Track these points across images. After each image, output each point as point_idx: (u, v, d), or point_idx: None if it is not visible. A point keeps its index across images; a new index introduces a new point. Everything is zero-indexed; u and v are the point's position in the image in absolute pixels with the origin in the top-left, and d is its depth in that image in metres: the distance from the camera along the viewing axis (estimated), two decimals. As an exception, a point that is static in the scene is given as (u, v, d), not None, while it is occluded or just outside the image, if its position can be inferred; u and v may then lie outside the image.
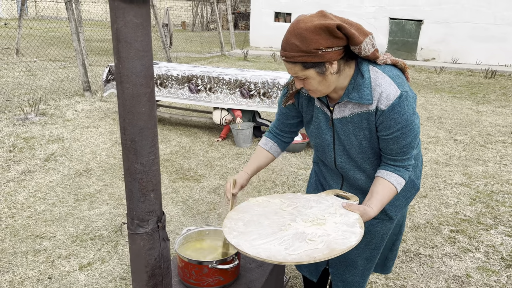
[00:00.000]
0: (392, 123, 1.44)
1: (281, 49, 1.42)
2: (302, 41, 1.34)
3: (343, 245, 1.31)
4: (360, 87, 1.45)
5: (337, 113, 1.54)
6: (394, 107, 1.42)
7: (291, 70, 1.44)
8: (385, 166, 1.56)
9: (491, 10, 15.53)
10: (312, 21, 1.35)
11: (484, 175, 4.34)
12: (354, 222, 1.43)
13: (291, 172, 4.28)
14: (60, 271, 2.56)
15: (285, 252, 1.29)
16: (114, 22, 1.04)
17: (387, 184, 1.52)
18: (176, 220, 3.24)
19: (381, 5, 16.92)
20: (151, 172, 1.19)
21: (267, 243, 1.34)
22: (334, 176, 1.78)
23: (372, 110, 1.46)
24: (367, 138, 1.54)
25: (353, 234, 1.36)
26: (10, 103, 6.39)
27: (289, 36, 1.38)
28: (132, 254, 1.29)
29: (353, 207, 1.49)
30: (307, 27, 1.34)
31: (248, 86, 4.87)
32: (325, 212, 1.50)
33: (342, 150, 1.62)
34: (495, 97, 8.89)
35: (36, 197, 3.49)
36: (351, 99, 1.47)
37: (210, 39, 19.06)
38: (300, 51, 1.36)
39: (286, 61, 1.43)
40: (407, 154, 1.52)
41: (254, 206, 1.59)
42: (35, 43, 11.82)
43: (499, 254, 2.92)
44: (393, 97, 1.41)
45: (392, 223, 1.78)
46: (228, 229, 1.44)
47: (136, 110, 1.11)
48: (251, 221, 1.48)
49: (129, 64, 1.07)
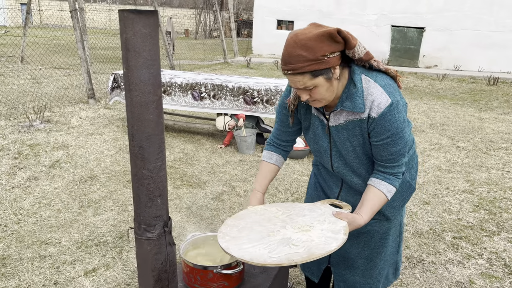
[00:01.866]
0: (382, 130, 1.50)
1: (285, 63, 1.43)
2: (307, 50, 1.38)
3: (322, 250, 1.38)
4: (352, 96, 1.50)
5: (332, 121, 1.60)
6: (384, 115, 1.48)
7: (298, 82, 1.45)
8: (376, 174, 1.63)
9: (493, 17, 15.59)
10: (311, 31, 1.40)
11: (487, 182, 4.35)
12: (339, 229, 1.49)
13: (293, 178, 4.30)
14: (66, 277, 2.58)
15: (267, 255, 1.37)
16: (124, 32, 1.07)
17: (378, 193, 1.59)
18: (180, 226, 3.26)
19: (383, 12, 17.00)
20: (158, 177, 1.22)
21: (253, 247, 1.42)
22: (334, 178, 1.84)
23: (364, 118, 1.52)
24: (360, 144, 1.60)
25: (335, 240, 1.43)
26: (15, 110, 6.45)
27: (291, 49, 1.40)
28: (139, 258, 1.32)
29: (342, 215, 1.56)
30: (310, 37, 1.38)
31: (252, 93, 4.91)
32: (314, 220, 1.57)
33: (338, 155, 1.69)
34: (497, 104, 8.91)
35: (41, 204, 3.52)
36: (344, 108, 1.52)
37: (213, 46, 19.18)
38: (308, 61, 1.39)
39: (293, 73, 1.43)
40: (396, 161, 1.58)
41: (251, 214, 1.67)
42: (39, 51, 11.94)
43: (502, 260, 2.92)
44: (384, 106, 1.47)
45: (390, 223, 1.82)
46: (222, 234, 1.52)
47: (144, 118, 1.14)
48: (245, 227, 1.56)
49: (137, 73, 1.10)
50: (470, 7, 15.53)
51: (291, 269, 2.67)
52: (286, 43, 1.42)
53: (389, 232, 1.84)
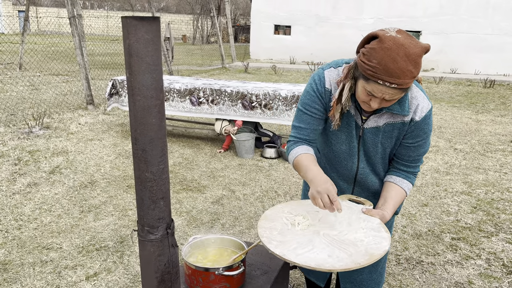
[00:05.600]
0: (420, 132, 1.58)
1: (391, 77, 1.33)
2: (416, 67, 1.35)
3: (379, 250, 1.39)
4: (402, 99, 1.52)
5: (370, 123, 1.60)
6: (426, 119, 1.56)
7: (388, 94, 1.39)
8: (397, 173, 1.68)
9: (488, 20, 15.69)
10: (415, 44, 1.34)
11: (485, 183, 4.38)
12: (378, 227, 1.52)
13: (293, 182, 4.32)
14: (67, 282, 2.60)
15: (331, 260, 1.35)
16: (127, 38, 1.10)
17: (400, 191, 1.65)
18: (180, 230, 3.27)
19: (379, 17, 17.10)
20: (161, 180, 1.24)
21: (309, 251, 1.40)
22: (346, 181, 1.83)
23: (407, 121, 1.56)
24: (391, 146, 1.65)
25: (383, 239, 1.45)
26: (14, 117, 6.47)
27: (404, 64, 1.32)
28: (142, 260, 1.34)
29: (373, 212, 1.59)
30: (418, 53, 1.34)
31: (250, 98, 4.94)
32: (348, 218, 1.57)
33: (364, 156, 1.71)
34: (494, 106, 8.96)
35: (42, 209, 3.54)
36: (391, 110, 1.53)
37: (210, 52, 19.24)
38: (412, 77, 1.36)
39: (396, 88, 1.36)
40: (420, 161, 1.67)
41: (280, 213, 1.64)
42: (38, 58, 11.96)
43: (500, 260, 2.94)
44: (426, 110, 1.55)
45: (394, 217, 1.89)
46: (267, 239, 1.46)
47: (147, 121, 1.17)
48: (284, 230, 1.52)
49: (140, 78, 1.13)
50: (465, 10, 15.65)
51: (291, 270, 2.69)
52: (394, 55, 1.32)
53: (392, 225, 1.92)
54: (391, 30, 1.37)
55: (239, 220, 3.47)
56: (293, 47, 18.49)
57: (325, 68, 1.63)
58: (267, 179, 4.41)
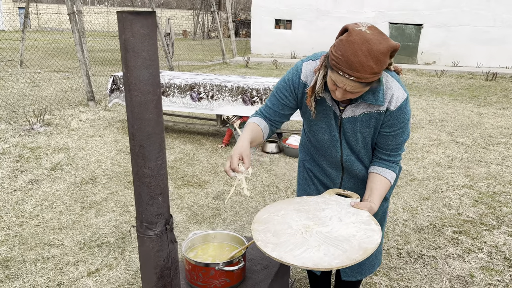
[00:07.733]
0: (396, 122, 1.61)
1: (351, 69, 1.38)
2: (378, 63, 1.38)
3: (371, 243, 1.41)
4: (375, 90, 1.55)
5: (347, 113, 1.64)
6: (401, 108, 1.59)
7: (349, 86, 1.43)
8: (379, 163, 1.73)
9: (491, 12, 15.59)
10: (381, 42, 1.38)
11: (486, 177, 4.37)
12: (368, 220, 1.53)
13: (294, 177, 4.32)
14: (69, 278, 2.60)
15: (328, 258, 1.36)
16: (122, 33, 1.09)
17: (384, 180, 1.69)
18: (181, 226, 3.28)
19: (380, 10, 17.01)
20: (159, 176, 1.23)
21: (305, 251, 1.40)
22: (335, 169, 1.89)
23: (382, 110, 1.60)
24: (371, 135, 1.69)
25: (374, 232, 1.47)
26: (15, 114, 6.47)
27: (363, 59, 1.36)
28: (141, 256, 1.33)
29: (361, 205, 1.61)
30: (382, 50, 1.37)
31: (250, 93, 4.93)
32: (337, 213, 1.58)
33: (347, 145, 1.75)
34: (496, 99, 8.92)
35: (43, 206, 3.54)
36: (366, 101, 1.57)
37: (211, 47, 19.19)
38: (373, 73, 1.39)
39: (355, 81, 1.41)
40: (400, 150, 1.72)
41: (273, 215, 1.63)
42: (38, 55, 11.96)
43: (502, 254, 2.94)
44: (401, 99, 1.58)
45: (387, 202, 1.96)
46: (263, 242, 1.46)
47: (144, 117, 1.16)
48: (278, 231, 1.52)
49: (136, 73, 1.12)
50: (467, 3, 15.55)
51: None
52: (356, 48, 1.36)
53: (387, 211, 1.98)
54: (364, 25, 1.41)
55: (240, 215, 3.47)
56: (294, 41, 18.43)
57: (304, 61, 1.69)
58: (268, 174, 4.40)
